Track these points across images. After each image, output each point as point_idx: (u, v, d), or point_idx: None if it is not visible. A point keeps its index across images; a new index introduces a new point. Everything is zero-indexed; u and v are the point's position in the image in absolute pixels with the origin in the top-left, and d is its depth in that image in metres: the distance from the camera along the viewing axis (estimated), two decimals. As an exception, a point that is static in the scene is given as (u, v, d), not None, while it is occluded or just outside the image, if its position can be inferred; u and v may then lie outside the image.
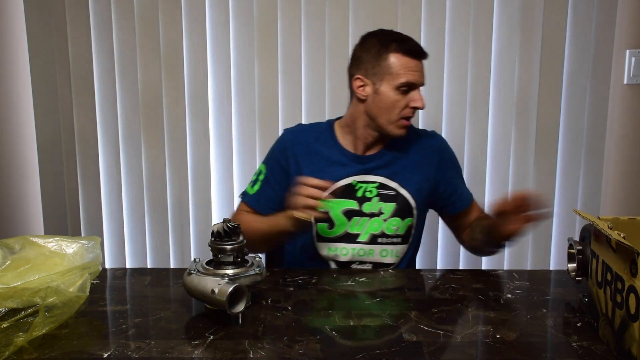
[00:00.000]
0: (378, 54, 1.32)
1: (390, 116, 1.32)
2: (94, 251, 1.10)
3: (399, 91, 1.30)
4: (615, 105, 1.90)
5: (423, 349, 0.90)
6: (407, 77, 1.29)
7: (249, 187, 1.45)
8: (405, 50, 1.30)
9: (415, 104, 1.31)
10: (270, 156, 1.45)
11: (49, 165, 1.99)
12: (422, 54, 1.32)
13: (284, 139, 1.45)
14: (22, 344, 0.88)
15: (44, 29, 1.93)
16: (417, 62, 1.31)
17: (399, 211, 1.38)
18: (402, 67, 1.30)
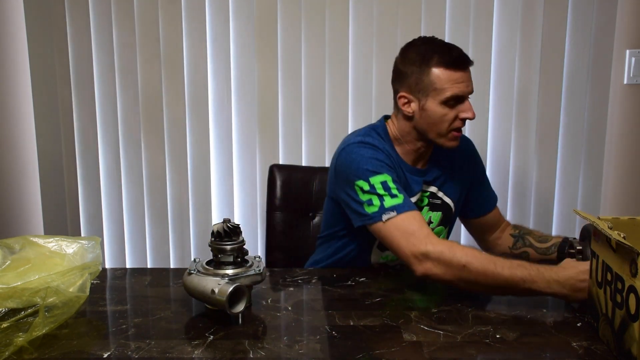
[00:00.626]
0: (420, 69, 1.25)
1: (440, 130, 1.27)
2: (94, 251, 1.10)
3: (447, 105, 1.24)
4: (615, 105, 1.90)
5: (423, 349, 0.90)
6: (452, 90, 1.23)
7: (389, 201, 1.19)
8: (447, 62, 1.23)
9: (465, 115, 1.26)
10: (378, 165, 1.24)
11: (49, 165, 1.99)
12: (466, 62, 1.26)
13: (378, 148, 1.27)
14: (22, 344, 0.88)
15: (44, 29, 1.93)
16: (462, 72, 1.25)
17: (444, 220, 1.39)
18: (446, 81, 1.23)
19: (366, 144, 1.28)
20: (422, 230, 1.16)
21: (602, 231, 0.89)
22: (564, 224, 1.98)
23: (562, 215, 1.98)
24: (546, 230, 1.97)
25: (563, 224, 1.98)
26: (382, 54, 1.89)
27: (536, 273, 1.05)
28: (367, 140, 1.29)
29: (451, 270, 1.10)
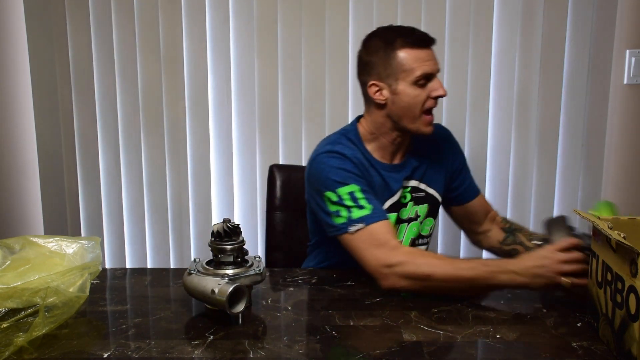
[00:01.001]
0: (386, 54, 1.25)
1: (414, 113, 1.26)
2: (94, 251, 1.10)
3: (418, 85, 1.24)
4: (615, 105, 1.90)
5: (423, 349, 0.90)
6: (422, 69, 1.23)
7: (356, 213, 1.19)
8: (412, 42, 1.24)
9: (437, 92, 1.25)
10: (346, 175, 1.24)
11: (49, 165, 1.99)
12: (429, 41, 1.26)
13: (346, 157, 1.26)
14: (22, 344, 0.88)
15: (44, 29, 1.93)
16: (427, 50, 1.25)
17: (431, 211, 1.39)
18: (414, 61, 1.23)
19: (334, 153, 1.27)
20: (389, 243, 1.17)
21: (602, 231, 0.89)
22: (564, 224, 1.98)
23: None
24: (546, 230, 1.98)
25: (563, 224, 1.98)
26: (382, 54, 1.89)
27: (497, 269, 1.09)
28: (336, 149, 1.27)
29: (416, 282, 1.12)
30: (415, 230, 1.38)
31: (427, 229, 1.41)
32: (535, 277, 1.06)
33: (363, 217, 1.19)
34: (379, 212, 1.21)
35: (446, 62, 1.90)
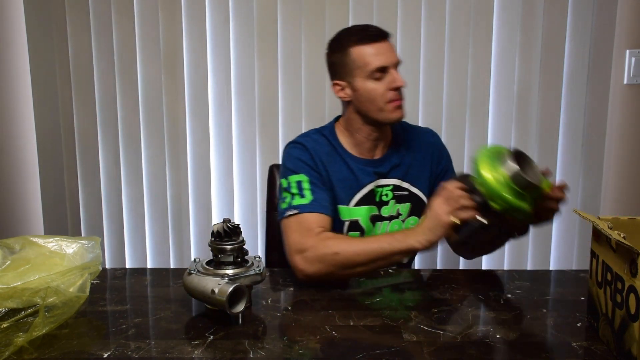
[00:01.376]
0: (342, 53, 1.31)
1: (378, 106, 1.29)
2: (94, 251, 1.10)
3: (374, 79, 1.28)
4: (615, 105, 1.90)
5: (423, 349, 0.90)
6: (374, 63, 1.27)
7: (297, 200, 1.26)
8: (362, 39, 1.29)
9: (395, 84, 1.28)
10: (300, 165, 1.32)
11: (49, 165, 1.99)
12: (380, 35, 1.29)
13: (306, 149, 1.34)
14: (22, 344, 0.88)
15: (44, 29, 1.94)
16: (379, 44, 1.28)
17: (415, 210, 1.39)
18: (366, 56, 1.28)
19: (297, 144, 1.36)
20: (312, 231, 1.21)
21: (602, 231, 0.89)
22: (564, 224, 1.98)
23: (562, 215, 1.97)
24: (546, 230, 1.98)
25: (563, 224, 1.98)
26: (382, 54, 1.89)
27: (403, 233, 1.16)
28: (300, 140, 1.37)
29: (326, 265, 1.15)
30: (397, 228, 1.38)
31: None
32: (432, 229, 1.11)
33: (300, 205, 1.25)
34: (318, 204, 1.26)
35: (446, 62, 1.90)
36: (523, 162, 1.06)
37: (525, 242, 1.99)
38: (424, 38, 1.89)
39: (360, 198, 1.35)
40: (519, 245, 1.99)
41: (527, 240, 1.99)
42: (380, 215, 1.37)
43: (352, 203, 1.34)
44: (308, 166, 1.32)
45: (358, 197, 1.34)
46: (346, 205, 1.34)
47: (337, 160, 1.35)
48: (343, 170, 1.35)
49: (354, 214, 1.34)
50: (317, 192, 1.28)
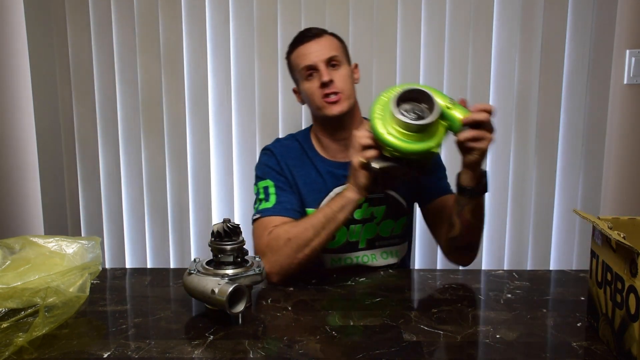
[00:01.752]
0: (288, 62, 1.40)
1: (316, 104, 1.32)
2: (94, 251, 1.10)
3: (308, 80, 1.32)
4: (615, 105, 1.90)
5: (423, 349, 0.90)
6: (303, 63, 1.32)
7: (262, 205, 1.31)
8: (294, 43, 1.36)
9: (321, 79, 1.29)
10: (267, 170, 1.37)
11: (49, 165, 1.99)
12: (308, 36, 1.33)
13: (273, 154, 1.39)
14: (22, 344, 0.88)
15: (44, 29, 1.93)
16: (307, 44, 1.32)
17: (391, 213, 1.38)
18: (298, 58, 1.34)
19: (267, 150, 1.41)
20: (264, 234, 1.24)
21: (602, 231, 0.89)
22: (564, 224, 1.98)
23: (562, 215, 1.98)
24: (546, 230, 1.98)
25: (563, 224, 1.98)
26: (382, 54, 1.89)
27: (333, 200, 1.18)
28: (269, 146, 1.42)
29: (284, 255, 1.18)
30: (373, 231, 1.37)
31: (386, 231, 1.38)
32: (353, 175, 1.14)
33: (263, 209, 1.30)
34: (281, 207, 1.30)
35: (446, 62, 1.90)
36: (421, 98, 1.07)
37: (525, 242, 1.99)
38: (424, 38, 1.89)
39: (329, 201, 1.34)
40: (519, 245, 1.99)
41: (527, 240, 1.99)
42: (354, 218, 1.35)
43: (320, 206, 1.34)
44: (274, 171, 1.36)
45: (326, 200, 1.34)
46: (314, 209, 1.34)
47: (306, 164, 1.37)
48: (311, 174, 1.36)
49: None
50: (282, 195, 1.32)
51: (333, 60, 1.31)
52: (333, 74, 1.30)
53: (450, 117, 1.08)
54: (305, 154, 1.39)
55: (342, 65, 1.33)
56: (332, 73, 1.30)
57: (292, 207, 1.31)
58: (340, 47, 1.36)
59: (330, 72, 1.30)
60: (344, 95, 1.30)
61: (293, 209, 1.31)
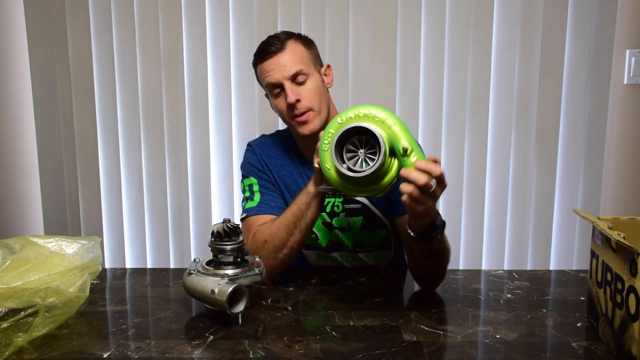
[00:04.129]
0: (255, 73, 1.32)
1: (285, 121, 1.28)
2: (94, 251, 1.10)
3: (274, 96, 1.26)
4: (615, 105, 1.90)
5: (423, 349, 0.90)
6: (266, 80, 1.25)
7: (248, 204, 1.31)
8: (257, 57, 1.27)
9: (287, 100, 1.22)
10: (250, 168, 1.36)
11: (49, 165, 1.99)
12: (271, 52, 1.24)
13: (254, 152, 1.37)
14: (22, 344, 0.88)
15: (44, 29, 1.93)
16: (270, 61, 1.24)
17: (368, 224, 1.33)
18: (262, 74, 1.26)
19: (249, 146, 1.40)
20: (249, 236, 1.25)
21: (602, 231, 0.89)
22: (564, 224, 1.98)
23: (562, 215, 1.98)
24: (546, 230, 1.98)
25: (563, 224, 1.98)
26: (382, 54, 1.89)
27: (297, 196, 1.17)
28: (252, 142, 1.41)
29: (263, 254, 1.17)
30: (353, 238, 1.34)
31: (365, 240, 1.34)
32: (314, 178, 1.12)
33: (248, 208, 1.30)
34: (265, 206, 1.29)
35: (446, 62, 1.90)
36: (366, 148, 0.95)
37: (525, 242, 1.99)
38: (424, 38, 1.89)
39: None
40: (519, 245, 1.99)
41: (527, 240, 1.99)
42: (332, 224, 1.33)
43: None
44: (256, 169, 1.35)
45: None
46: None
47: (286, 164, 1.35)
48: (292, 174, 1.34)
49: None
50: (266, 193, 1.31)
51: (298, 76, 1.23)
52: (300, 91, 1.23)
53: (402, 163, 0.96)
54: (287, 153, 1.36)
55: (310, 77, 1.24)
56: (299, 90, 1.23)
57: (276, 205, 1.30)
58: (305, 55, 1.27)
59: (296, 89, 1.22)
60: (313, 113, 1.24)
61: (277, 206, 1.30)
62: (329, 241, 1.35)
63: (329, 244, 1.35)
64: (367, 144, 0.95)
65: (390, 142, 0.95)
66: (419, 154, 0.96)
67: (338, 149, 0.96)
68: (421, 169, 0.93)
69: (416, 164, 0.94)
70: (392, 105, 1.91)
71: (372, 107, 0.99)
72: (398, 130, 0.96)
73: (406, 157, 0.95)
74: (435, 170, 0.93)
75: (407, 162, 0.95)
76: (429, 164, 0.93)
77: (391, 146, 0.95)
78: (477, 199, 1.96)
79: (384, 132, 0.95)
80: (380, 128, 0.96)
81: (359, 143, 0.96)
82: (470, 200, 1.97)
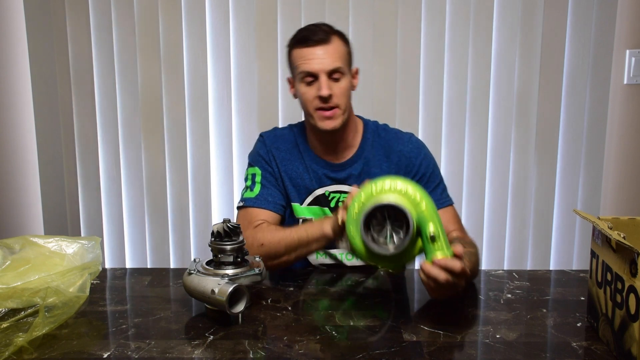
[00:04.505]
0: (288, 53, 1.30)
1: (308, 110, 1.28)
2: (94, 251, 1.10)
3: (305, 83, 1.25)
4: (615, 105, 1.90)
5: (423, 349, 0.90)
6: (302, 67, 1.24)
7: (246, 193, 1.34)
8: (297, 41, 1.26)
9: (319, 92, 1.23)
10: (257, 159, 1.37)
11: (49, 165, 1.99)
12: (315, 40, 1.24)
13: (265, 143, 1.37)
14: (22, 344, 0.88)
15: (44, 29, 1.93)
16: (313, 49, 1.23)
17: None
18: (298, 59, 1.25)
19: (261, 137, 1.40)
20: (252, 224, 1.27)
21: (602, 231, 0.89)
22: (564, 224, 1.98)
23: (562, 215, 1.98)
24: (546, 230, 1.98)
25: (563, 224, 1.98)
26: (382, 54, 1.89)
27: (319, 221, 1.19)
28: (265, 133, 1.41)
29: (254, 252, 1.18)
30: None
31: None
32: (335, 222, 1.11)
33: (248, 198, 1.32)
34: (263, 200, 1.31)
35: (446, 62, 1.90)
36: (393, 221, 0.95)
37: (525, 242, 1.99)
38: (424, 38, 1.89)
39: (312, 200, 1.34)
40: (519, 245, 1.99)
41: (527, 240, 1.99)
42: None
43: (305, 203, 1.35)
44: (263, 160, 1.36)
45: (310, 199, 1.34)
46: (299, 204, 1.35)
47: (295, 159, 1.35)
48: (298, 169, 1.35)
49: (307, 213, 1.34)
50: (267, 186, 1.33)
51: (336, 73, 1.24)
52: (333, 87, 1.24)
53: (425, 247, 0.96)
54: (297, 147, 1.37)
55: (344, 77, 1.26)
56: (333, 86, 1.24)
57: (273, 200, 1.32)
58: (345, 54, 1.28)
59: (331, 84, 1.23)
60: (339, 111, 1.26)
61: (275, 202, 1.32)
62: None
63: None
64: (394, 217, 0.96)
65: (418, 222, 0.95)
66: (443, 242, 0.95)
67: (368, 219, 0.96)
68: (441, 266, 0.93)
69: (436, 261, 0.93)
70: (392, 105, 1.91)
71: (407, 182, 0.98)
72: (427, 213, 0.96)
73: (431, 243, 0.95)
74: (456, 267, 0.93)
75: (431, 247, 0.95)
76: (449, 262, 0.93)
77: (418, 226, 0.95)
78: (477, 199, 1.96)
79: (414, 211, 0.95)
80: (411, 206, 0.96)
81: (387, 214, 0.96)
82: (470, 200, 1.97)
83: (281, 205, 1.33)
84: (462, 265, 0.93)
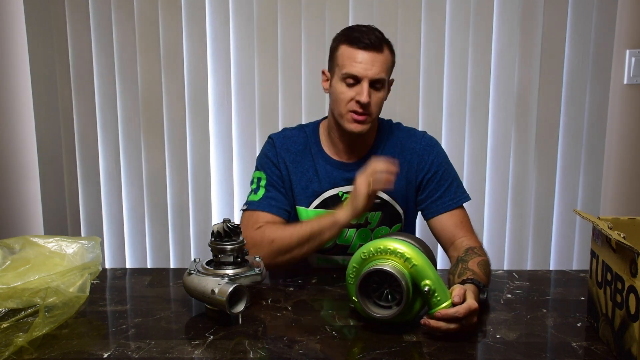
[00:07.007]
0: (334, 46, 1.30)
1: (339, 110, 1.27)
2: (94, 251, 1.10)
3: (345, 83, 1.25)
4: (615, 105, 1.90)
5: (423, 349, 0.90)
6: (348, 68, 1.23)
7: (250, 196, 1.33)
8: (351, 40, 1.24)
9: (358, 97, 1.23)
10: (264, 162, 1.36)
11: (49, 165, 1.99)
12: (370, 45, 1.23)
13: (274, 145, 1.37)
14: (22, 344, 0.88)
15: (44, 29, 1.93)
16: (364, 53, 1.23)
17: (386, 219, 1.35)
18: (346, 58, 1.24)
19: (270, 139, 1.40)
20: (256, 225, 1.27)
21: (602, 231, 0.89)
22: (564, 224, 1.98)
23: (562, 215, 1.98)
24: (546, 230, 1.98)
25: (563, 224, 1.98)
26: (382, 54, 1.89)
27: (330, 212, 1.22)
28: (274, 134, 1.40)
29: (264, 250, 1.18)
30: (365, 236, 1.35)
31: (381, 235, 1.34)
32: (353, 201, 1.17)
33: (251, 201, 1.32)
34: (266, 203, 1.31)
35: (446, 61, 1.90)
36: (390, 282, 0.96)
37: (525, 242, 1.99)
38: (424, 38, 1.89)
39: (321, 202, 1.34)
40: (519, 245, 1.99)
41: (527, 240, 1.99)
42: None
43: (311, 206, 1.34)
44: (271, 163, 1.35)
45: (318, 201, 1.34)
46: (305, 207, 1.34)
47: (306, 160, 1.35)
48: (308, 172, 1.34)
49: (312, 216, 1.32)
50: (271, 190, 1.33)
51: (378, 83, 1.25)
52: (372, 95, 1.24)
53: (426, 301, 0.97)
54: (309, 149, 1.36)
55: (383, 88, 1.27)
56: (372, 94, 1.24)
57: (277, 205, 1.31)
58: (391, 65, 1.29)
59: (371, 93, 1.24)
60: (370, 118, 1.27)
61: (278, 206, 1.31)
62: (334, 243, 1.35)
63: (333, 246, 1.35)
64: (390, 279, 0.96)
65: (413, 279, 0.96)
66: (441, 292, 0.95)
67: (363, 284, 0.97)
68: (441, 318, 0.93)
69: (436, 314, 0.94)
70: (392, 105, 1.91)
71: (394, 241, 0.98)
72: (420, 268, 0.95)
73: (430, 296, 0.95)
74: (459, 314, 0.93)
75: (431, 301, 0.95)
76: (451, 312, 0.93)
77: (414, 283, 0.96)
78: (477, 199, 1.96)
79: (406, 271, 0.95)
80: (402, 267, 0.96)
81: (384, 278, 0.97)
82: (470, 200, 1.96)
83: (285, 209, 1.32)
84: (465, 309, 0.93)
